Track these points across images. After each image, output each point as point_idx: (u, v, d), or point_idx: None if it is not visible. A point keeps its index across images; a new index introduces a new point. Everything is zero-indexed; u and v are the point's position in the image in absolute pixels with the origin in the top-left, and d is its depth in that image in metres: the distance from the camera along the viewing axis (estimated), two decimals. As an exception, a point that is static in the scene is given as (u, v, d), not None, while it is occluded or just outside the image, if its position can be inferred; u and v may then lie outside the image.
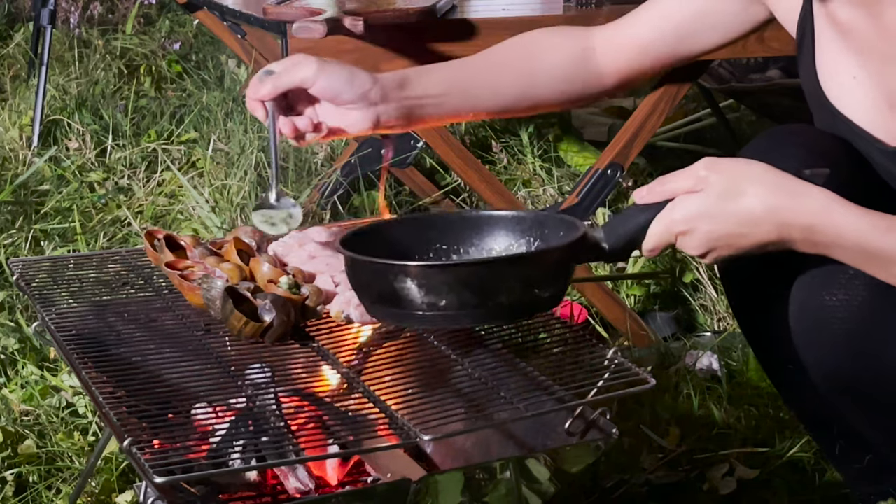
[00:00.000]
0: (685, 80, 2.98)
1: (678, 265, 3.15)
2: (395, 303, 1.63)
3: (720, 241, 1.62)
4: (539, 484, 1.74)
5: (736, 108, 4.50)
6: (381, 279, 1.63)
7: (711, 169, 1.61)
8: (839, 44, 1.79)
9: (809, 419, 2.08)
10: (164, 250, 1.97)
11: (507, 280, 1.61)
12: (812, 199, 1.59)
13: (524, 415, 1.67)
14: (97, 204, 3.56)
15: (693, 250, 1.63)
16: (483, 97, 1.95)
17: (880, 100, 1.75)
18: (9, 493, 2.26)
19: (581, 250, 1.66)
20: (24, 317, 2.83)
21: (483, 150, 4.03)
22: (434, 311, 1.61)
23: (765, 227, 1.60)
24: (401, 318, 1.67)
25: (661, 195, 1.63)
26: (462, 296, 1.60)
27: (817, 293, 1.71)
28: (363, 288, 1.69)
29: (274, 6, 2.81)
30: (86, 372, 1.76)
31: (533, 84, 1.97)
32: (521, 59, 1.98)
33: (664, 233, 1.63)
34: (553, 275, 1.65)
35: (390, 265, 1.62)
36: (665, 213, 1.62)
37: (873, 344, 1.69)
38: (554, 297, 1.67)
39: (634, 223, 1.65)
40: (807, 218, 1.59)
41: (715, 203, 1.60)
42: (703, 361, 2.72)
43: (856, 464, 2.03)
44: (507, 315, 1.69)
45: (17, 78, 4.80)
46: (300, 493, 1.77)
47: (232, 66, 4.93)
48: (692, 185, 1.61)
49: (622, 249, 1.66)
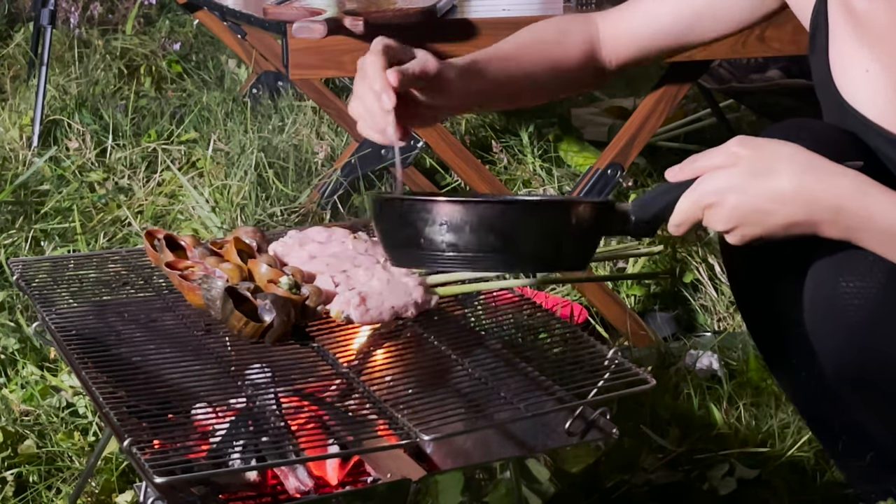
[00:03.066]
0: (685, 80, 2.98)
1: (678, 265, 3.15)
2: (417, 243, 1.62)
3: (747, 218, 1.60)
4: (539, 484, 1.74)
5: (736, 108, 4.50)
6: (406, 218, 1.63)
7: (744, 145, 1.61)
8: (852, 36, 1.78)
9: (812, 415, 2.07)
10: (164, 250, 1.97)
11: (528, 227, 1.60)
12: (844, 179, 1.58)
13: (524, 415, 1.67)
14: (97, 204, 3.56)
15: (719, 224, 1.62)
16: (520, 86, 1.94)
17: (893, 93, 1.74)
18: (9, 493, 2.26)
19: (607, 219, 1.66)
20: (24, 317, 2.83)
21: (483, 150, 4.03)
22: (454, 251, 1.61)
23: (793, 205, 1.59)
24: (422, 260, 1.66)
25: (690, 172, 1.63)
26: (482, 237, 1.59)
27: (832, 280, 1.69)
28: (388, 232, 1.69)
29: (274, 6, 2.81)
30: (86, 372, 1.76)
31: (557, 72, 1.97)
32: (544, 47, 1.97)
33: (692, 206, 1.62)
34: (577, 233, 1.64)
35: (417, 201, 1.63)
36: (694, 187, 1.62)
37: (887, 333, 1.68)
38: (575, 257, 1.67)
39: (664, 199, 1.65)
40: (837, 199, 1.57)
41: (745, 178, 1.59)
42: (703, 361, 2.72)
43: (857, 461, 2.03)
44: (526, 264, 1.69)
45: (17, 78, 4.79)
46: (300, 493, 1.77)
47: (232, 66, 4.93)
48: (723, 161, 1.61)
49: (648, 222, 1.66)
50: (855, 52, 1.78)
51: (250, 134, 3.94)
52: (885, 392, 1.73)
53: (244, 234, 2.02)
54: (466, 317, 1.98)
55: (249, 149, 3.76)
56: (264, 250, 2.00)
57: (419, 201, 1.63)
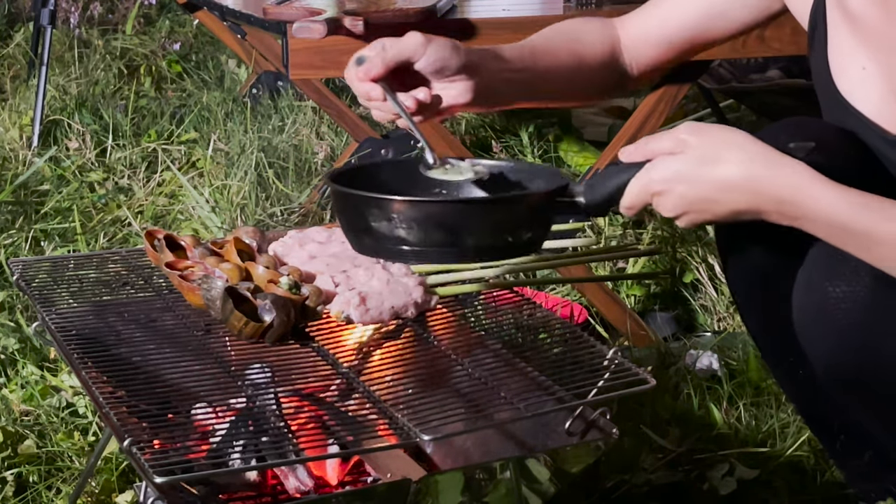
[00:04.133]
0: (685, 80, 2.98)
1: (678, 265, 3.15)
2: (370, 234, 1.65)
3: (694, 206, 1.63)
4: (539, 484, 1.74)
5: (736, 108, 4.50)
6: (359, 211, 1.65)
7: (693, 133, 1.62)
8: (849, 35, 1.79)
9: (810, 414, 2.08)
10: (164, 250, 1.97)
11: (475, 222, 1.62)
12: (789, 171, 1.59)
13: (524, 415, 1.67)
14: (97, 204, 3.56)
15: (667, 212, 1.64)
16: (543, 81, 1.93)
17: (888, 90, 1.75)
18: (9, 493, 2.26)
19: (558, 202, 1.68)
20: (24, 317, 2.83)
21: (483, 150, 4.03)
22: (404, 245, 1.63)
23: (738, 194, 1.60)
24: (376, 251, 1.69)
25: (642, 155, 1.64)
26: (430, 233, 1.62)
27: (821, 284, 1.71)
28: (345, 221, 1.71)
29: (274, 6, 2.81)
30: (86, 372, 1.76)
31: (580, 70, 1.97)
32: (571, 44, 1.97)
33: (641, 192, 1.64)
34: (526, 221, 1.66)
35: (368, 197, 1.64)
36: (643, 172, 1.63)
37: (877, 335, 1.69)
38: (528, 243, 1.68)
39: (615, 181, 1.66)
40: (781, 189, 1.59)
41: (692, 167, 1.61)
42: (703, 361, 2.72)
43: (856, 460, 2.03)
44: (476, 256, 1.71)
45: (17, 78, 4.80)
46: (300, 493, 1.77)
47: (232, 66, 4.93)
48: (672, 147, 1.62)
49: (599, 204, 1.67)
50: (852, 51, 1.79)
51: (250, 134, 3.94)
52: (877, 393, 1.74)
53: (244, 234, 2.02)
54: (466, 317, 1.99)
55: (249, 149, 3.76)
56: (264, 250, 2.00)
57: (370, 198, 1.64)
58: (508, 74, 1.86)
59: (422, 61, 1.76)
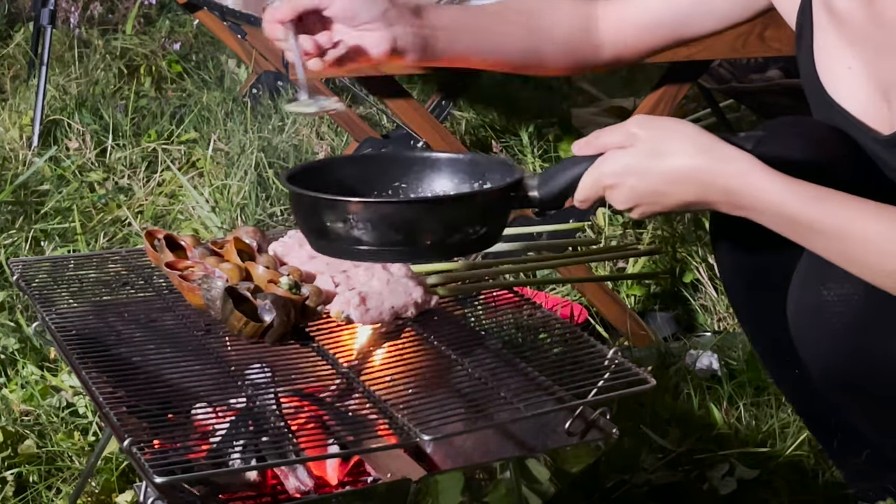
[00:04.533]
0: (685, 80, 2.98)
1: (678, 265, 3.15)
2: (326, 236, 1.65)
3: (645, 198, 1.64)
4: (539, 484, 1.74)
5: (736, 108, 4.50)
6: (314, 212, 1.65)
7: (642, 126, 1.63)
8: (835, 34, 1.80)
9: (808, 413, 2.08)
10: (164, 250, 1.97)
11: (427, 221, 1.63)
12: (735, 162, 1.60)
13: (524, 415, 1.67)
14: (97, 204, 3.56)
15: (619, 205, 1.65)
16: (491, 45, 1.95)
17: (873, 90, 1.75)
18: (9, 493, 2.26)
19: (511, 196, 1.68)
20: (24, 317, 2.83)
21: (483, 150, 4.03)
22: (359, 245, 1.63)
23: (686, 186, 1.62)
24: (334, 252, 1.69)
25: (594, 148, 1.66)
26: (385, 233, 1.62)
27: (814, 287, 1.71)
28: (301, 221, 1.72)
29: (274, 6, 2.81)
30: (86, 372, 1.76)
31: (538, 43, 1.98)
32: (531, 15, 1.98)
33: (593, 185, 1.65)
34: (479, 217, 1.67)
35: (318, 199, 1.65)
36: (595, 166, 1.64)
37: (871, 338, 1.69)
38: (484, 238, 1.69)
39: (568, 175, 1.67)
40: (727, 180, 1.60)
41: (641, 160, 1.62)
42: (703, 361, 2.72)
43: (854, 459, 2.03)
44: (432, 255, 1.71)
45: (17, 78, 4.80)
46: (300, 493, 1.77)
47: (232, 66, 4.93)
48: (622, 141, 1.63)
49: (554, 198, 1.68)
50: (838, 50, 1.79)
51: (250, 134, 3.94)
52: (871, 395, 1.74)
53: (244, 234, 2.02)
54: (466, 317, 1.99)
55: (249, 149, 3.76)
56: (264, 250, 2.00)
57: (324, 199, 1.65)
58: (432, 31, 1.87)
59: (331, 9, 1.81)
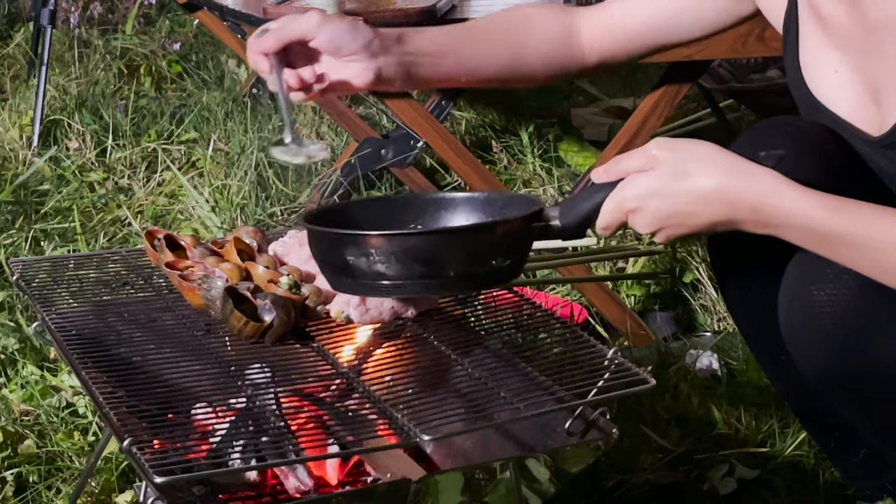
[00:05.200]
0: (685, 80, 2.98)
1: (678, 265, 3.15)
2: (348, 272, 1.65)
3: (670, 220, 1.64)
4: (539, 484, 1.74)
5: (736, 108, 4.50)
6: (335, 249, 1.66)
7: (663, 148, 1.63)
8: (821, 38, 1.81)
9: (804, 413, 2.08)
10: (164, 250, 1.97)
11: (451, 252, 1.63)
12: (760, 179, 1.61)
13: (524, 415, 1.67)
14: (97, 204, 3.56)
15: (644, 228, 1.65)
16: (475, 64, 1.96)
17: (863, 93, 1.76)
18: (9, 493, 2.26)
19: (534, 226, 1.69)
20: (24, 317, 2.83)
21: (483, 150, 4.03)
22: (383, 280, 1.64)
23: (713, 206, 1.62)
24: (355, 288, 1.70)
25: (615, 174, 1.66)
26: (408, 266, 1.63)
27: (805, 288, 1.72)
28: (322, 260, 1.72)
29: (274, 6, 2.81)
30: (86, 372, 1.76)
31: (522, 56, 1.99)
32: (513, 31, 1.99)
33: (615, 210, 1.65)
34: (503, 248, 1.67)
35: (340, 234, 1.66)
36: (616, 191, 1.65)
37: (862, 338, 1.70)
38: (506, 270, 1.69)
39: (589, 202, 1.67)
40: (754, 198, 1.60)
41: (665, 182, 1.62)
42: (703, 361, 2.72)
43: (852, 458, 2.04)
44: (456, 286, 1.72)
45: (17, 78, 4.79)
46: (300, 493, 1.77)
47: (232, 66, 4.93)
48: (643, 164, 1.63)
49: (576, 227, 1.69)
50: (824, 54, 1.80)
51: (250, 134, 3.94)
52: (863, 395, 1.74)
53: (244, 234, 2.02)
54: (466, 317, 1.99)
55: (249, 149, 3.76)
56: (264, 250, 2.00)
57: (345, 235, 1.65)
58: (415, 58, 1.88)
59: (317, 40, 1.82)
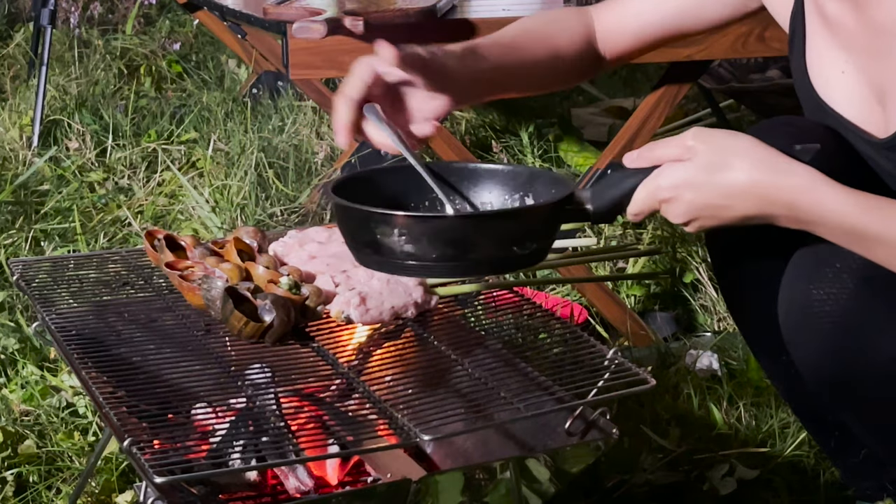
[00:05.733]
0: (685, 80, 2.98)
1: (678, 265, 3.15)
2: (377, 250, 1.63)
3: (703, 211, 1.62)
4: (539, 484, 1.74)
5: (736, 108, 4.50)
6: (365, 226, 1.64)
7: (699, 139, 1.62)
8: (827, 39, 1.80)
9: (805, 413, 2.08)
10: (164, 250, 1.97)
11: (484, 236, 1.62)
12: (796, 176, 1.59)
13: (524, 415, 1.67)
14: (97, 204, 3.56)
15: (676, 218, 1.64)
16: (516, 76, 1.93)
17: (868, 94, 1.76)
18: (9, 493, 2.26)
19: (565, 210, 1.67)
20: (24, 317, 2.83)
21: (483, 150, 4.03)
22: (413, 260, 1.62)
23: (747, 200, 1.61)
24: (382, 266, 1.67)
25: (648, 161, 1.64)
26: (440, 248, 1.61)
27: (804, 287, 1.72)
28: (350, 234, 1.70)
29: (274, 6, 2.81)
30: (86, 372, 1.76)
31: (557, 63, 1.98)
32: (549, 38, 1.98)
33: (648, 198, 1.63)
34: (534, 232, 1.66)
35: (372, 213, 1.63)
36: (651, 179, 1.63)
37: (861, 338, 1.70)
38: (535, 253, 1.68)
39: (621, 187, 1.65)
40: (790, 195, 1.59)
41: (700, 173, 1.61)
42: (703, 361, 2.72)
43: (852, 458, 2.04)
44: (485, 269, 1.71)
45: (17, 78, 4.79)
46: (300, 493, 1.77)
47: (232, 66, 4.93)
48: (679, 154, 1.62)
49: (607, 212, 1.67)
50: (831, 55, 1.80)
51: (250, 134, 3.94)
52: (861, 395, 1.74)
53: (244, 234, 2.02)
54: (466, 317, 1.99)
55: (249, 149, 3.76)
56: (265, 250, 2.00)
57: (376, 213, 1.63)
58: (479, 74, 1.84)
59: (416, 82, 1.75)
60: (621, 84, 4.89)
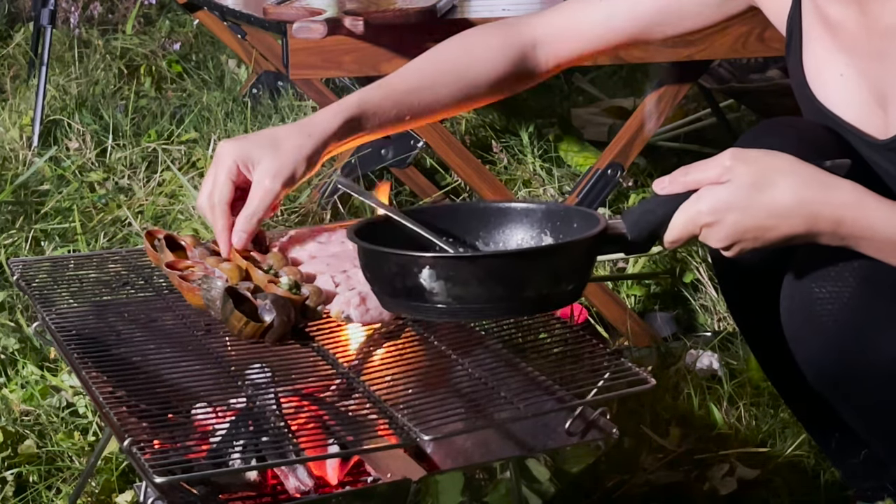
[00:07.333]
0: (685, 80, 2.98)
1: (678, 265, 3.15)
2: (417, 296, 1.57)
3: (747, 234, 1.59)
4: (539, 484, 1.74)
5: (736, 108, 4.50)
6: (405, 271, 1.58)
7: (738, 159, 1.58)
8: (826, 41, 1.79)
9: (805, 413, 2.08)
10: (164, 250, 1.97)
11: (536, 272, 1.57)
12: (843, 191, 1.57)
13: (524, 415, 1.67)
14: (97, 204, 3.56)
15: (718, 243, 1.60)
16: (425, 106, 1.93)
17: (868, 97, 1.75)
18: (9, 493, 2.26)
19: (604, 242, 1.63)
20: (24, 317, 2.83)
21: (483, 150, 4.03)
22: (460, 303, 1.57)
23: (794, 219, 1.57)
24: (422, 312, 1.62)
25: (684, 186, 1.59)
26: (490, 288, 1.56)
27: (807, 286, 1.71)
28: (382, 281, 1.64)
29: (274, 6, 2.81)
30: (86, 372, 1.76)
31: (469, 86, 1.96)
32: (457, 64, 1.96)
33: (689, 224, 1.59)
34: (579, 266, 1.62)
35: (416, 257, 1.57)
36: (689, 204, 1.58)
37: (862, 337, 1.69)
38: (577, 289, 1.64)
39: (657, 214, 1.61)
40: (837, 211, 1.57)
41: (744, 194, 1.56)
42: (703, 361, 2.72)
43: (852, 458, 2.04)
44: (532, 308, 1.65)
45: (17, 78, 4.79)
46: (300, 493, 1.77)
47: (232, 66, 4.93)
48: (718, 176, 1.57)
49: (645, 241, 1.63)
50: (830, 57, 1.79)
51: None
52: (862, 395, 1.74)
53: (244, 234, 2.02)
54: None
55: (249, 149, 3.75)
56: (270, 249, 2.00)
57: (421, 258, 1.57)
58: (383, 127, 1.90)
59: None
60: (621, 84, 4.89)
